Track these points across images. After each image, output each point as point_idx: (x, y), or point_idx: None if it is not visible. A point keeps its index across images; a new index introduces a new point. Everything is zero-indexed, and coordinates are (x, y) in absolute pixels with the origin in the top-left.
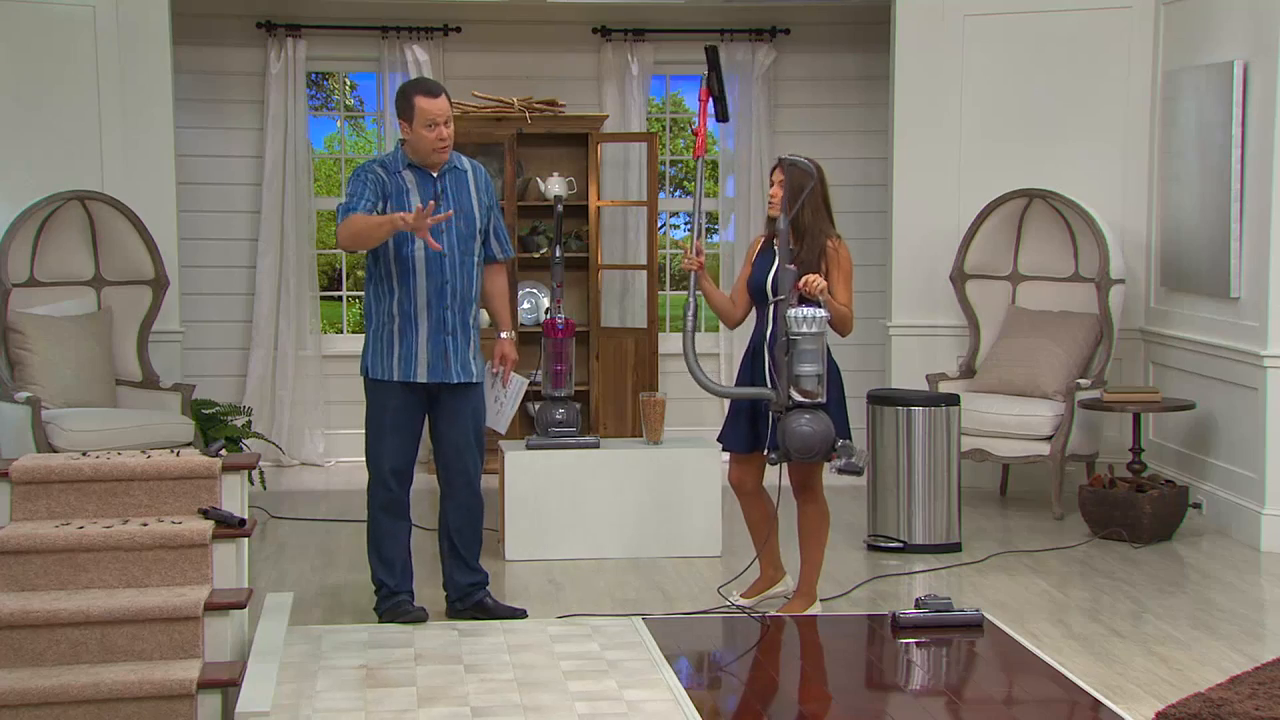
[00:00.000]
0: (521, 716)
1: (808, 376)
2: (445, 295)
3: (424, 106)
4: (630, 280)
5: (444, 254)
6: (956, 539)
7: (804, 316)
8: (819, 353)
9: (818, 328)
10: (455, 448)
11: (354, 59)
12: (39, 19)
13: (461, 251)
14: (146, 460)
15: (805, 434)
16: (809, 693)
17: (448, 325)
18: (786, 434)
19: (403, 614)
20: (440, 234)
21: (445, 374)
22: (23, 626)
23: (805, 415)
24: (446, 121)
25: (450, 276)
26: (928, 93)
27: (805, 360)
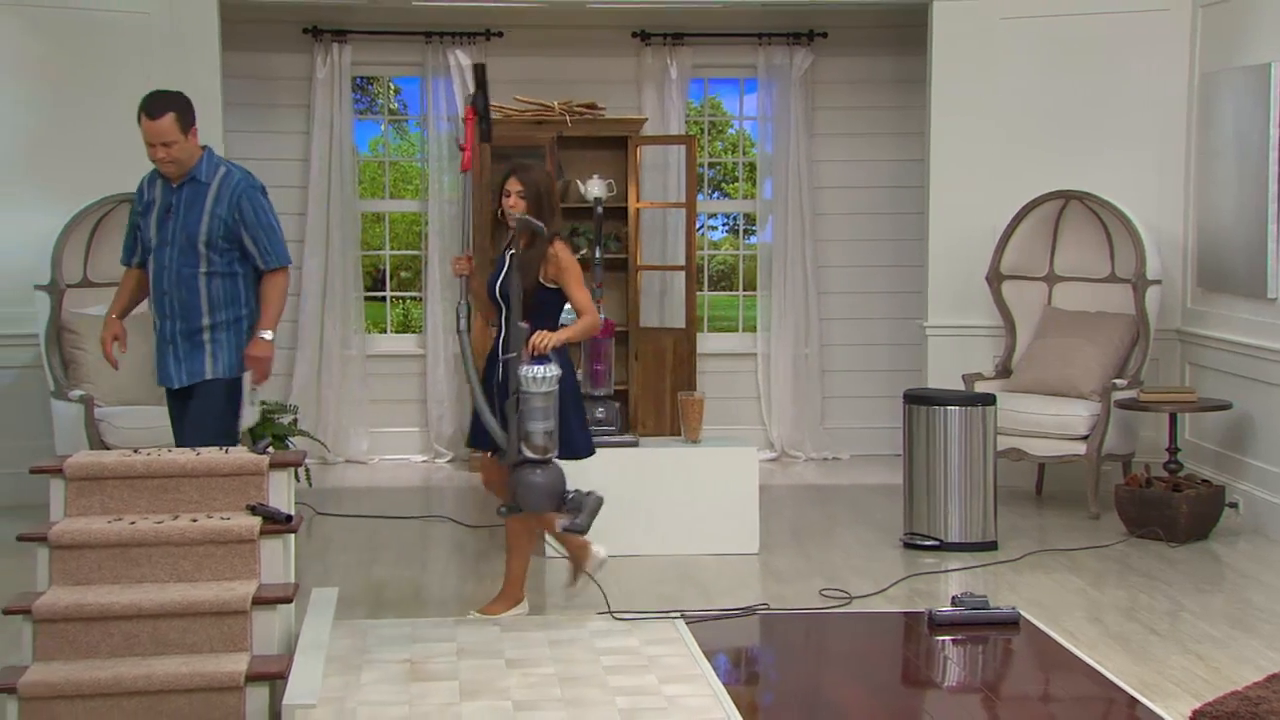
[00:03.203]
0: (563, 711)
1: (537, 433)
2: (164, 306)
3: (143, 126)
4: (669, 281)
5: (165, 266)
6: (992, 538)
7: (535, 375)
8: (549, 409)
9: (548, 386)
10: (184, 441)
11: (398, 64)
12: (93, 26)
13: (180, 264)
14: (196, 457)
15: (538, 486)
16: (846, 689)
17: (167, 334)
18: (518, 487)
19: None
20: (165, 246)
21: (167, 380)
22: (78, 619)
23: (539, 468)
24: (165, 143)
25: (169, 288)
26: (964, 95)
27: (535, 418)
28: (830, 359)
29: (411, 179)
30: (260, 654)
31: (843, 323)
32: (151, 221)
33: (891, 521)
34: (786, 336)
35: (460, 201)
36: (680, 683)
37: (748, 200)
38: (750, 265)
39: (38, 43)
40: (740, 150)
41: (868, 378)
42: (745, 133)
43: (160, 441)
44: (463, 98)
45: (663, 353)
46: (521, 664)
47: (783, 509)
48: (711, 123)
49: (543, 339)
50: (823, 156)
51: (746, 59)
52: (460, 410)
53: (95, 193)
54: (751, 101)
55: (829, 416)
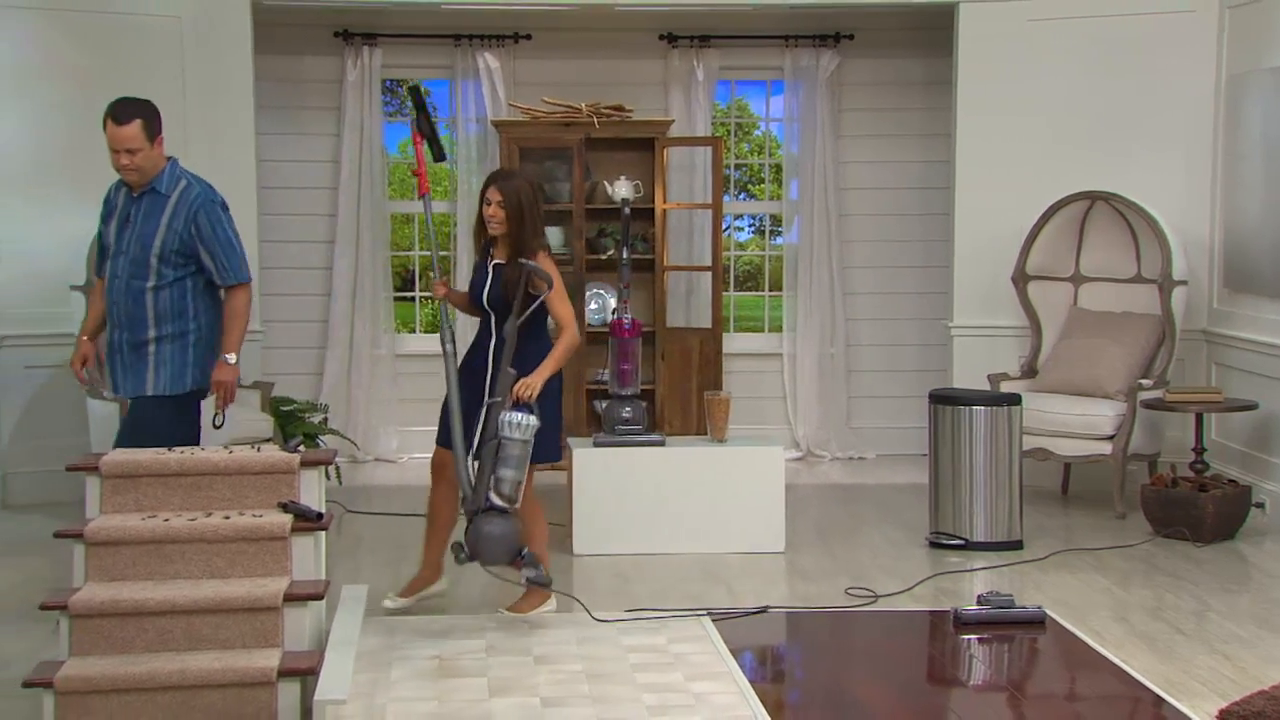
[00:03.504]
0: (590, 707)
1: (507, 481)
2: (114, 314)
3: (109, 132)
4: (695, 281)
5: (116, 276)
6: (1018, 537)
7: (515, 422)
8: (523, 459)
9: (528, 435)
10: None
11: (427, 66)
12: (127, 30)
13: (130, 275)
14: (229, 456)
15: (497, 539)
16: (871, 687)
17: (115, 343)
18: (476, 536)
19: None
20: (120, 256)
21: (114, 388)
22: (113, 615)
23: (499, 520)
24: (130, 150)
25: (118, 298)
26: (990, 96)
27: (509, 465)
28: (856, 359)
29: (440, 180)
30: (292, 650)
31: (868, 323)
32: (112, 228)
33: (917, 521)
34: (812, 336)
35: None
36: (707, 680)
37: (774, 201)
38: (776, 266)
39: (73, 47)
40: (766, 152)
41: (893, 378)
42: (771, 134)
43: None
44: (490, 101)
45: (689, 353)
46: (549, 661)
47: (808, 508)
48: (738, 124)
49: (526, 389)
50: (849, 158)
51: (773, 61)
52: None
53: None
54: (778, 103)
55: (854, 416)
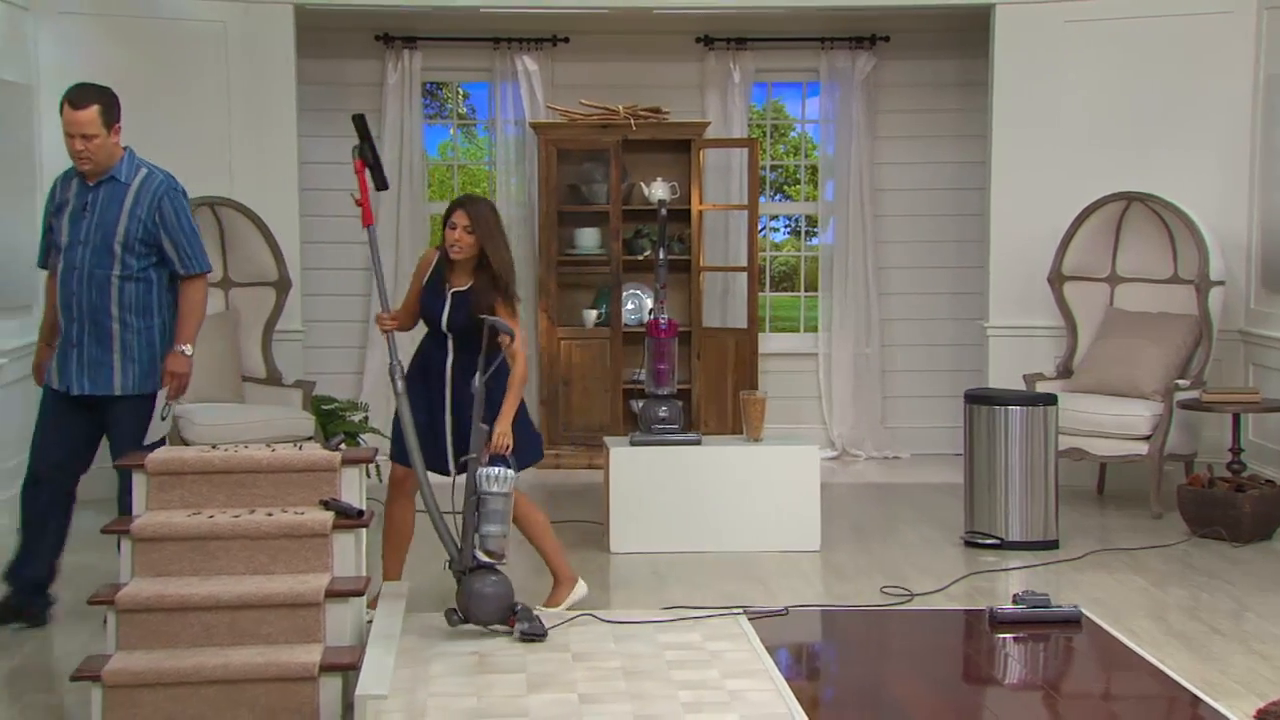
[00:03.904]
0: (627, 704)
1: (493, 537)
2: (71, 308)
3: (66, 115)
4: (731, 281)
5: (75, 267)
6: (1054, 536)
7: (494, 476)
8: (506, 513)
9: (507, 488)
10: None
11: (467, 69)
12: (173, 35)
13: (93, 265)
14: (272, 454)
15: (489, 597)
16: (907, 686)
17: (72, 337)
18: (468, 596)
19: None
20: (78, 246)
21: (66, 383)
22: (158, 610)
23: (490, 578)
24: (86, 135)
25: (77, 289)
26: (1027, 97)
27: (493, 520)
28: (891, 359)
29: (479, 182)
30: (333, 645)
31: (903, 323)
32: (64, 221)
33: (952, 520)
34: (847, 336)
35: (525, 212)
36: (743, 678)
37: (809, 202)
38: (812, 266)
39: (119, 51)
40: (802, 153)
41: (928, 378)
42: (807, 136)
43: (237, 438)
44: (529, 103)
45: (725, 352)
46: (587, 658)
47: (844, 507)
48: (774, 126)
49: (503, 441)
50: (884, 159)
51: (809, 63)
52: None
53: None
54: (814, 105)
55: (890, 416)
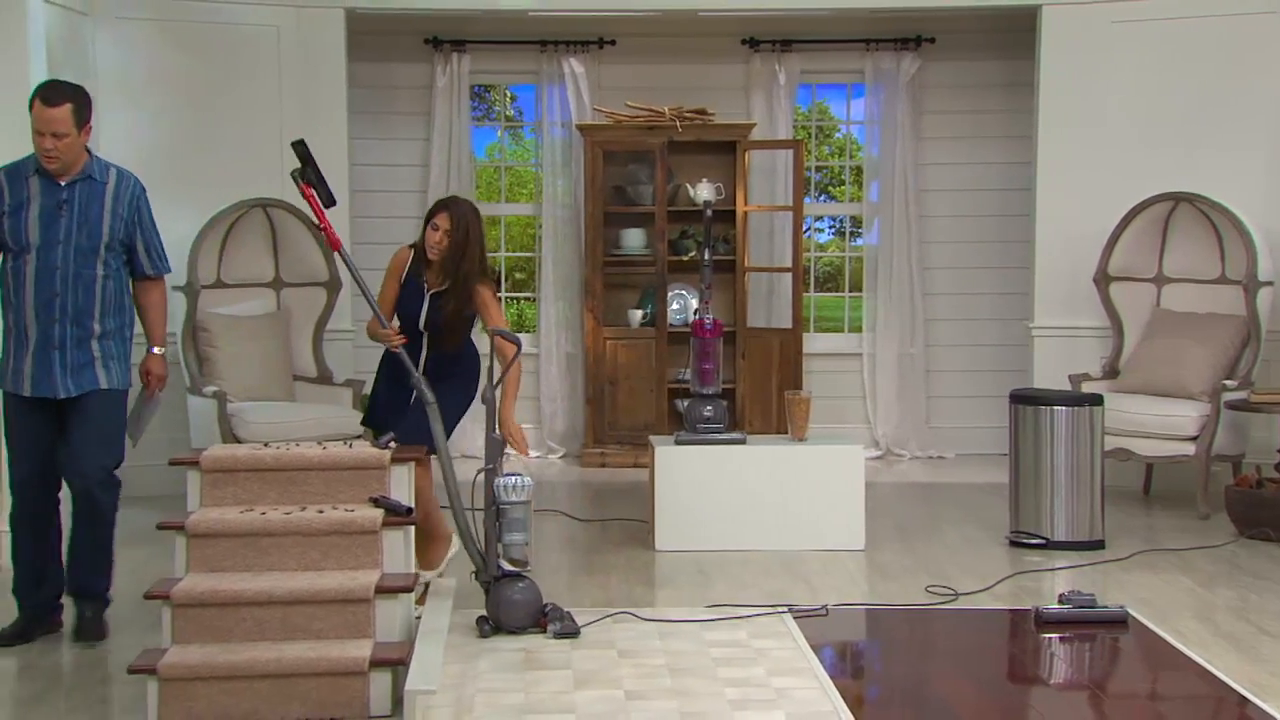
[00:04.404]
0: (673, 700)
1: (516, 545)
2: (54, 309)
3: (37, 112)
4: (776, 282)
5: (55, 267)
6: (1099, 537)
7: (513, 485)
8: (527, 520)
9: (526, 495)
10: (70, 451)
11: (514, 72)
12: (226, 39)
13: (78, 264)
14: (323, 451)
15: (517, 604)
16: (952, 685)
17: (54, 339)
18: (499, 604)
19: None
20: (56, 245)
21: (51, 389)
22: (212, 605)
23: (518, 584)
24: (55, 133)
25: (61, 289)
26: (1073, 97)
27: (515, 529)
28: (935, 359)
29: (526, 183)
30: (383, 641)
31: (948, 323)
32: (31, 219)
33: (997, 520)
34: (892, 337)
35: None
36: (788, 675)
37: (854, 203)
38: (856, 267)
39: (175, 55)
40: (847, 154)
41: (973, 378)
42: (852, 137)
43: (289, 436)
44: (575, 106)
45: (769, 352)
46: (632, 655)
47: (888, 506)
48: (819, 127)
49: (517, 439)
50: (929, 160)
51: (854, 64)
52: (572, 407)
53: (229, 198)
54: (859, 106)
55: (934, 416)
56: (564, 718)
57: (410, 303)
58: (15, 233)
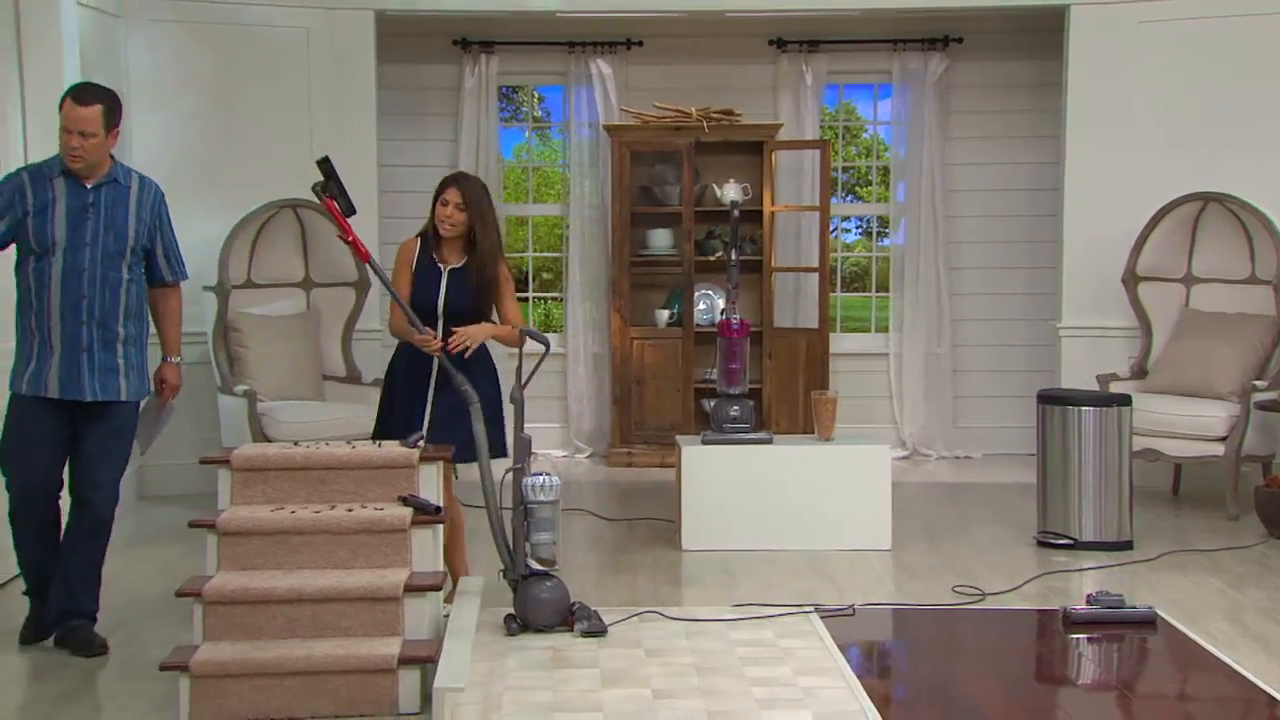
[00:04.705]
0: (700, 699)
1: (544, 545)
2: (81, 311)
3: (67, 111)
4: (802, 282)
5: (83, 269)
6: (1128, 537)
7: (541, 484)
8: (555, 519)
9: (554, 495)
10: (85, 462)
11: (542, 73)
12: (257, 40)
13: (105, 268)
14: (352, 450)
15: (545, 602)
16: (979, 684)
17: (82, 342)
18: (527, 603)
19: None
20: (84, 248)
21: (79, 392)
22: (243, 602)
23: (545, 583)
24: (84, 133)
25: (89, 292)
26: (1101, 97)
27: (542, 528)
28: (962, 359)
29: (554, 184)
30: (412, 638)
31: (975, 323)
32: (57, 220)
33: (1024, 520)
34: (918, 337)
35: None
36: (815, 675)
37: (881, 203)
38: (883, 267)
39: (206, 57)
40: (874, 154)
41: (1000, 378)
42: (879, 137)
43: (318, 435)
44: (603, 106)
45: (796, 352)
46: (660, 654)
47: (915, 506)
48: (846, 127)
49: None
50: (956, 160)
51: (881, 65)
52: (599, 407)
53: (259, 199)
54: (886, 106)
55: (961, 416)
56: (592, 716)
57: (427, 286)
58: (40, 233)
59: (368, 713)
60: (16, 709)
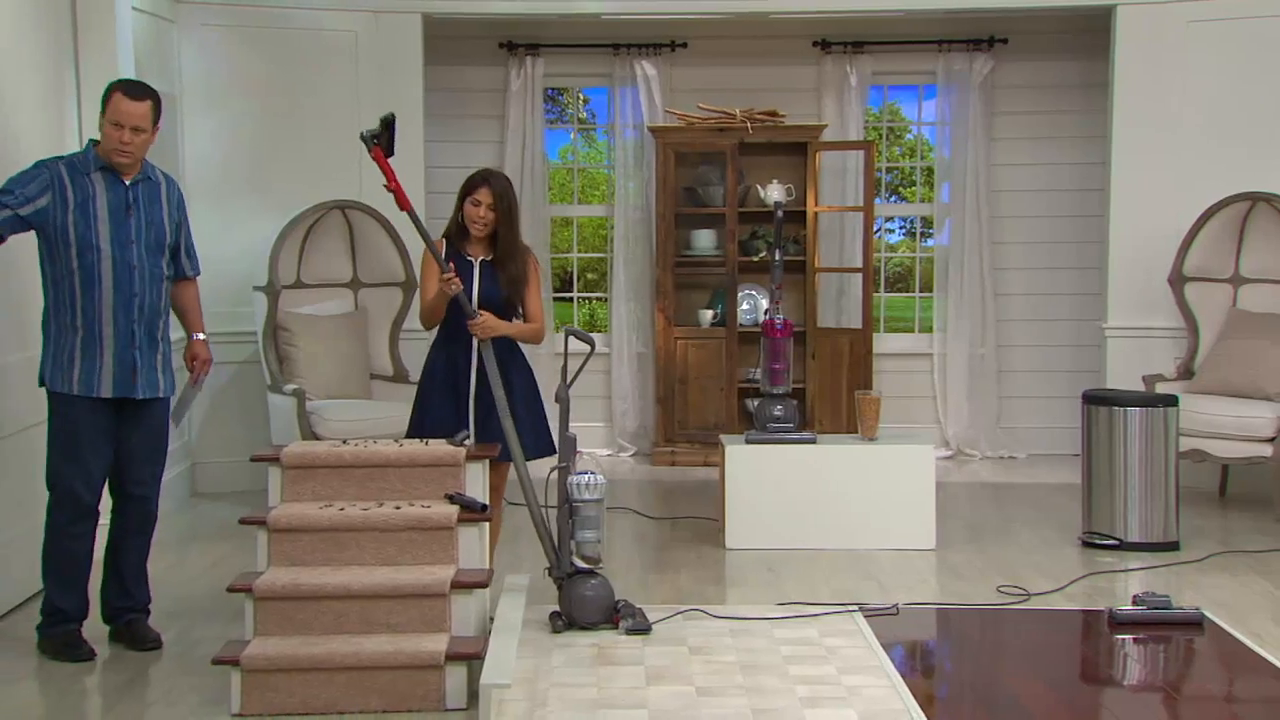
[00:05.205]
0: (745, 697)
1: (590, 543)
2: (133, 309)
3: (118, 104)
4: (846, 282)
5: (133, 266)
6: (1174, 538)
7: (586, 483)
8: (599, 517)
9: (599, 494)
10: (133, 460)
11: (587, 75)
12: (306, 44)
13: (151, 265)
14: (399, 449)
15: (590, 600)
16: (1023, 684)
17: (135, 339)
18: (572, 600)
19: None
20: (130, 245)
21: (130, 389)
22: (293, 598)
23: (590, 581)
24: (136, 128)
25: (140, 289)
26: (1148, 97)
27: (588, 526)
28: (1007, 359)
29: (598, 185)
30: (459, 635)
31: (1020, 324)
32: (101, 217)
33: (1069, 520)
34: (962, 337)
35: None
36: (859, 674)
37: (925, 204)
38: (927, 267)
39: (257, 61)
40: (918, 155)
41: (1045, 378)
42: (923, 138)
43: (366, 434)
44: (647, 108)
45: (840, 352)
46: (704, 651)
47: (958, 506)
48: (890, 128)
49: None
50: (1001, 160)
51: (926, 65)
52: (643, 406)
53: (308, 200)
54: (930, 107)
55: (1005, 416)
56: (636, 713)
57: (461, 278)
58: (84, 230)
59: (415, 708)
60: (72, 703)
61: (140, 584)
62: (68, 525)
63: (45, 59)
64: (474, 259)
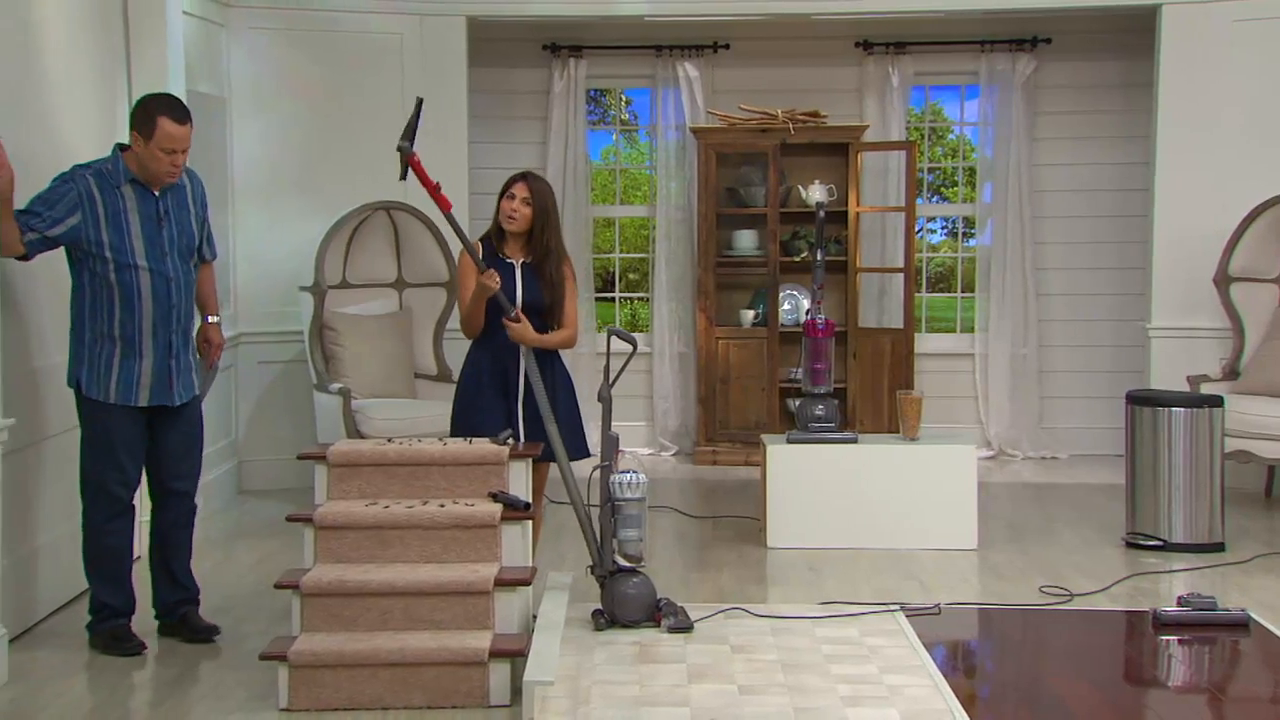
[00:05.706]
0: (786, 696)
1: (632, 542)
2: (171, 320)
3: (169, 130)
4: (888, 282)
5: (170, 279)
6: (1219, 539)
7: (628, 482)
8: (642, 516)
9: (641, 493)
10: (172, 458)
11: (630, 76)
12: (353, 47)
13: (184, 272)
14: (444, 447)
15: (632, 598)
16: (1066, 684)
17: (173, 349)
18: (615, 599)
19: (121, 642)
20: (165, 257)
21: (168, 397)
22: (339, 595)
23: (632, 579)
24: (185, 150)
25: (176, 300)
26: (1192, 97)
27: (630, 525)
28: (1049, 359)
29: (641, 185)
30: (502, 632)
31: (1062, 324)
32: (134, 231)
33: (1112, 521)
34: (1004, 337)
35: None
36: (901, 673)
37: (967, 204)
38: (969, 267)
39: (304, 64)
40: (960, 155)
41: (1087, 378)
42: (965, 138)
43: (410, 432)
44: (689, 109)
45: (881, 352)
46: (745, 650)
47: (1000, 506)
48: (932, 128)
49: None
50: (1044, 160)
51: (968, 66)
52: (684, 405)
53: (354, 201)
54: (972, 107)
55: (1047, 416)
56: (679, 710)
57: (503, 285)
58: (119, 246)
59: (459, 704)
60: (121, 698)
61: (189, 575)
62: (105, 523)
63: (97, 63)
64: (514, 261)
